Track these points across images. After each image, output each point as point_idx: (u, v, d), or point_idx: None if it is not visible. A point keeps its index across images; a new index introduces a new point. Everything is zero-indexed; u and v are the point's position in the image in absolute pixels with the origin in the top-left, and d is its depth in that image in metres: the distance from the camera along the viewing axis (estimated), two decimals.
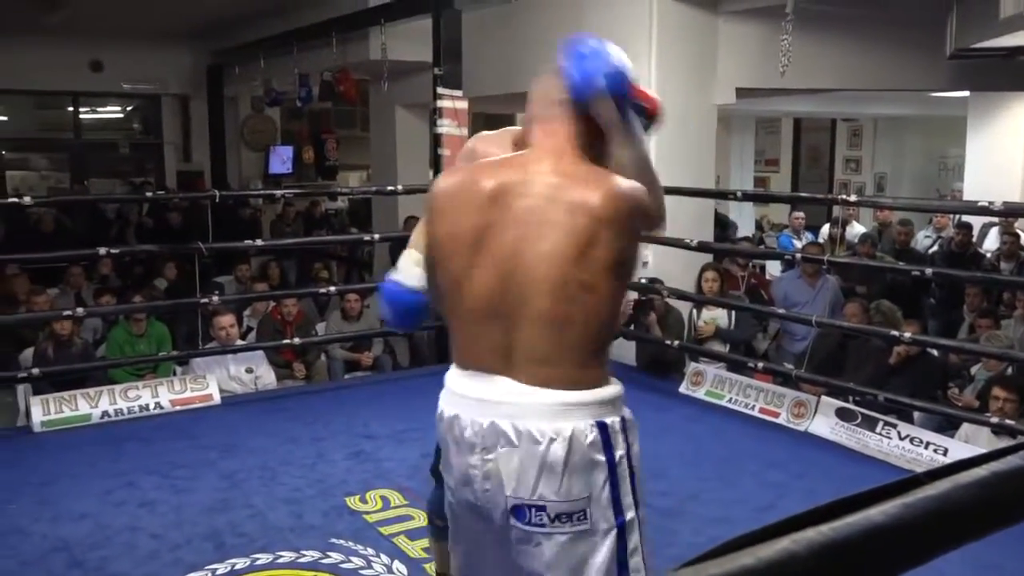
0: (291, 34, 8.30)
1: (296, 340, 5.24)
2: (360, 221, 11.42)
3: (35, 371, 4.50)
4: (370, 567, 3.00)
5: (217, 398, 4.81)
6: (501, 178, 1.69)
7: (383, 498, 3.57)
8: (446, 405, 1.73)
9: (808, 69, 5.89)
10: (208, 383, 4.84)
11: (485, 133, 2.36)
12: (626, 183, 1.67)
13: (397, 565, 3.01)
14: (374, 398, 5.08)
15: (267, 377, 5.44)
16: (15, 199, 4.88)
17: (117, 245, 7.31)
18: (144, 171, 12.21)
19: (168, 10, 9.10)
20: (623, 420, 1.68)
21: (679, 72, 5.63)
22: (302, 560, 3.03)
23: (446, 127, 5.84)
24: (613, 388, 1.69)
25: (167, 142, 12.09)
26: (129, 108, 12.50)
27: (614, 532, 1.64)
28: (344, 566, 3.00)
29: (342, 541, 3.18)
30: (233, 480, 3.76)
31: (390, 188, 5.48)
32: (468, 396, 1.68)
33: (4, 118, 11.84)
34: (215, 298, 5.11)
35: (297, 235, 9.95)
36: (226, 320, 5.20)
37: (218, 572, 2.95)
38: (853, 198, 4.51)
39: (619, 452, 1.65)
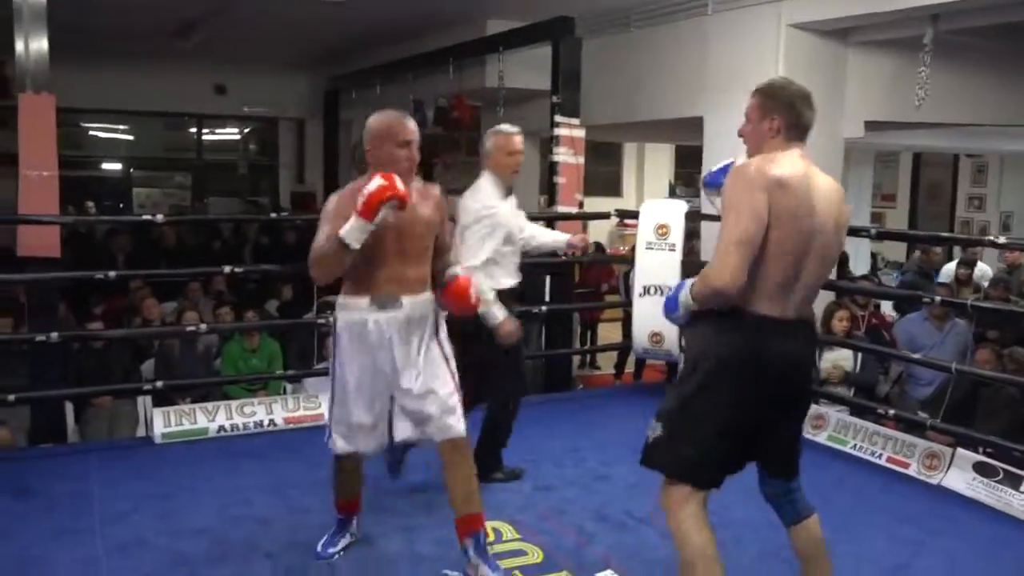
0: (408, 61, 8.46)
1: None
2: None
3: (159, 384, 4.62)
4: None
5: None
6: None
7: (496, 530, 3.49)
8: None
9: (943, 103, 5.64)
10: (320, 403, 4.88)
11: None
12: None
13: None
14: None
15: None
16: (148, 216, 5.03)
17: (234, 263, 7.53)
18: (259, 191, 12.62)
19: (290, 38, 9.40)
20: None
21: None
22: None
23: (562, 155, 5.82)
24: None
25: (282, 164, 12.49)
26: (247, 130, 12.96)
27: None
28: None
29: (455, 573, 3.11)
30: None
31: None
32: None
33: (131, 138, 12.40)
34: (331, 319, 5.17)
35: None
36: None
37: None
38: (1002, 239, 4.24)
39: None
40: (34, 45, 4.48)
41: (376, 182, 2.70)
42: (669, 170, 14.97)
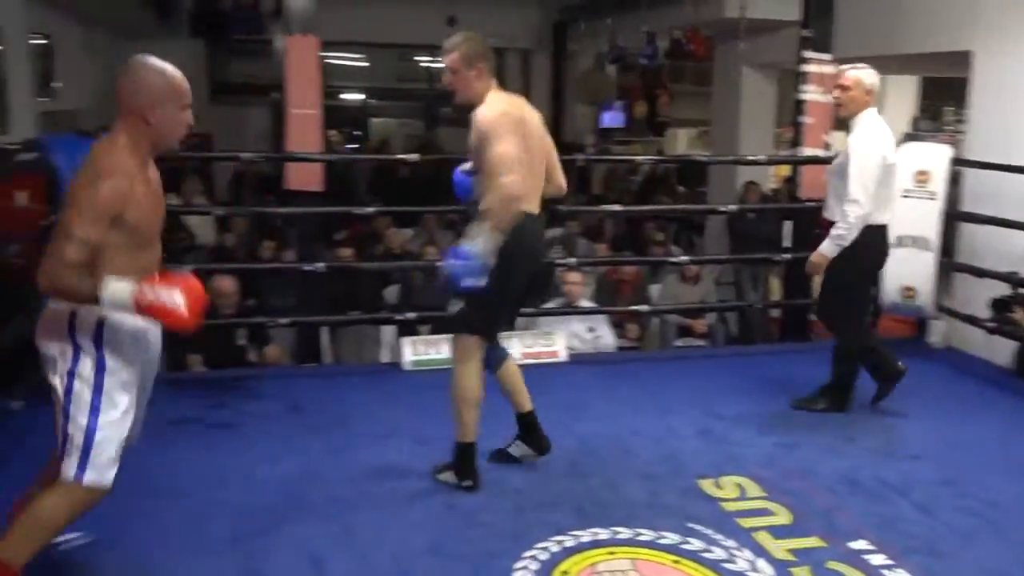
0: None
1: (644, 308, 5.26)
2: (687, 179, 11.23)
3: (411, 315, 4.86)
4: (733, 561, 2.88)
5: (564, 355, 4.93)
6: None
7: (739, 486, 3.42)
8: None
9: None
10: (556, 340, 4.96)
11: None
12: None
13: (762, 564, 2.86)
14: (715, 372, 4.91)
15: (607, 338, 5.50)
16: (401, 156, 5.25)
17: None
18: None
19: None
20: (99, 326, 2.36)
21: None
22: (662, 541, 2.98)
23: (811, 93, 5.47)
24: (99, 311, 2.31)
25: None
26: None
27: (66, 384, 2.35)
28: (706, 555, 2.91)
29: (700, 527, 3.08)
30: (587, 445, 3.80)
31: (751, 157, 5.22)
32: None
33: (367, 64, 12.91)
34: (572, 260, 5.25)
35: (628, 191, 9.99)
36: (575, 277, 5.31)
37: (582, 539, 2.98)
38: None
39: (80, 339, 2.35)
40: None
41: (177, 311, 2.25)
42: (912, 102, 13.79)
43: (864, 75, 3.94)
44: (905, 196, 5.00)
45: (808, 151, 5.51)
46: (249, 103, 11.43)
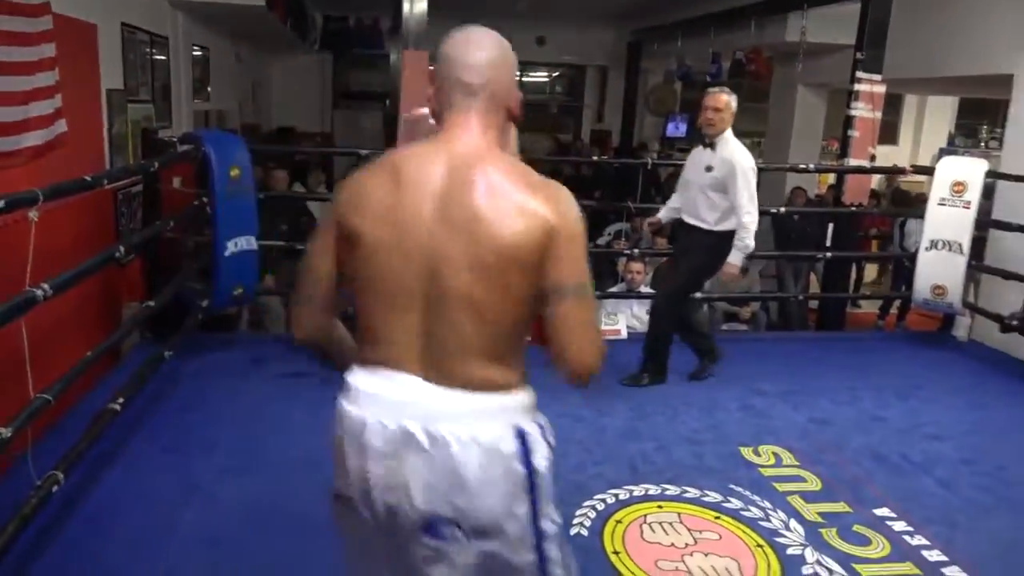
0: (709, 17, 7.99)
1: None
2: None
3: None
4: (768, 520, 2.82)
5: (624, 334, 4.87)
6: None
7: (775, 454, 3.34)
8: (352, 405, 1.34)
9: None
10: (619, 320, 4.90)
11: None
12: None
13: (794, 524, 2.79)
14: (759, 355, 4.79)
15: None
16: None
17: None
18: (564, 128, 12.75)
19: None
20: (541, 428, 1.34)
21: None
22: (705, 499, 2.93)
23: (860, 110, 5.25)
24: (531, 393, 1.34)
25: (586, 105, 12.48)
26: (555, 75, 13.04)
27: (534, 546, 1.29)
28: (744, 513, 2.85)
29: (740, 488, 3.02)
30: (641, 412, 3.75)
31: (802, 166, 5.04)
32: (379, 396, 1.30)
33: None
34: (635, 251, 5.17)
35: None
36: (638, 266, 5.22)
37: (634, 493, 2.95)
38: None
39: (540, 462, 1.30)
40: (417, 7, 4.70)
41: None
42: (950, 121, 13.14)
43: (733, 99, 3.79)
44: (941, 204, 4.78)
45: (854, 162, 5.30)
46: (364, 108, 11.58)
